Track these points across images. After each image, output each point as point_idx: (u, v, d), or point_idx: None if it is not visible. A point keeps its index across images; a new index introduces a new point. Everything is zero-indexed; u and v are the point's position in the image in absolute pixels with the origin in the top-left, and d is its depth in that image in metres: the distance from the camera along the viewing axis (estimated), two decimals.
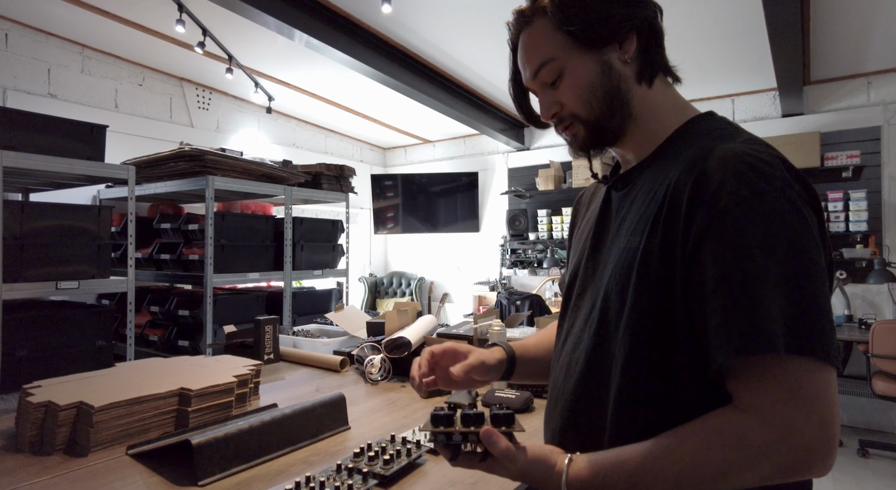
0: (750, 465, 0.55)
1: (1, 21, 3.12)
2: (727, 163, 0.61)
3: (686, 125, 0.73)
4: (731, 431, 0.56)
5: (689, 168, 0.63)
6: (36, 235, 2.16)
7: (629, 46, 0.71)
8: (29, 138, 2.18)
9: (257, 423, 0.99)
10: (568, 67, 0.72)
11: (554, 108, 0.75)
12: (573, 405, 0.72)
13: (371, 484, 0.85)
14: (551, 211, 5.00)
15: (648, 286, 0.64)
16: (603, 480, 0.60)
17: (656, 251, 0.63)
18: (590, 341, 0.71)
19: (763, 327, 0.54)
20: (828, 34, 3.18)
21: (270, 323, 1.75)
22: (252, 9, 2.54)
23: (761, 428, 0.55)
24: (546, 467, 0.62)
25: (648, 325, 0.63)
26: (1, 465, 0.93)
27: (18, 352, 2.11)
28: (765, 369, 0.56)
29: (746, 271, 0.56)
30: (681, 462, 0.57)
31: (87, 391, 1.07)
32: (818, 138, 3.74)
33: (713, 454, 0.56)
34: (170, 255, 3.05)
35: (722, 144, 0.63)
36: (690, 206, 0.61)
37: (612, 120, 0.72)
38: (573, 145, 0.77)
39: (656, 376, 0.63)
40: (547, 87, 0.75)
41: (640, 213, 0.69)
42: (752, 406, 0.56)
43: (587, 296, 0.76)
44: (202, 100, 4.27)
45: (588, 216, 0.87)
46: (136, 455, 0.98)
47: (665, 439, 0.59)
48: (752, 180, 0.59)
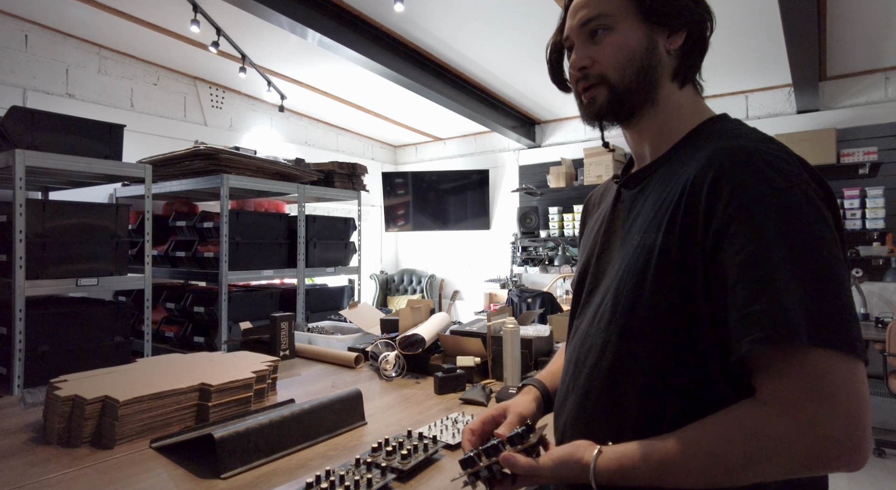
0: (772, 457, 0.55)
1: (21, 22, 3.18)
2: (746, 160, 0.62)
3: (701, 126, 0.74)
4: (750, 423, 0.57)
5: (706, 166, 0.64)
6: (57, 233, 2.21)
7: (677, 39, 0.73)
8: (50, 138, 2.22)
9: (277, 418, 1.01)
10: (618, 28, 0.72)
11: (586, 61, 0.75)
12: (583, 399, 0.73)
13: (390, 478, 0.86)
14: (563, 208, 4.99)
15: (668, 282, 0.64)
16: (631, 472, 0.61)
17: (674, 248, 0.64)
18: (599, 337, 0.72)
19: (785, 319, 0.55)
20: (845, 28, 3.14)
21: (286, 319, 1.78)
22: (266, 8, 2.57)
23: (780, 419, 0.55)
24: (573, 463, 0.64)
25: (671, 320, 0.64)
26: (32, 456, 0.96)
27: (41, 347, 2.16)
28: (786, 361, 0.56)
29: (767, 264, 0.57)
30: (703, 454, 0.58)
31: (112, 386, 1.10)
32: (834, 135, 3.69)
33: (733, 446, 0.56)
34: (185, 252, 3.09)
35: (738, 143, 0.65)
36: (710, 203, 0.62)
37: (635, 95, 0.73)
38: (589, 109, 0.77)
39: (681, 370, 0.64)
40: (588, 40, 0.75)
41: (655, 211, 0.69)
42: (772, 398, 0.57)
43: (597, 292, 0.77)
44: (216, 99, 4.32)
45: (598, 215, 0.88)
46: (159, 448, 1.01)
47: (688, 432, 0.60)
48: (771, 177, 0.60)
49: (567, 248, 4.91)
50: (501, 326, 1.48)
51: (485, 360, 1.55)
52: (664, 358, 0.65)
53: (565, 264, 4.82)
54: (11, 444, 1.01)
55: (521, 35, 3.29)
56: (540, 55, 2.94)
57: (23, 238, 2.07)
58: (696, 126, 0.74)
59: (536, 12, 3.00)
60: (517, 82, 4.20)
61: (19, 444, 1.01)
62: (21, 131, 2.15)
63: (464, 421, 1.14)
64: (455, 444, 1.03)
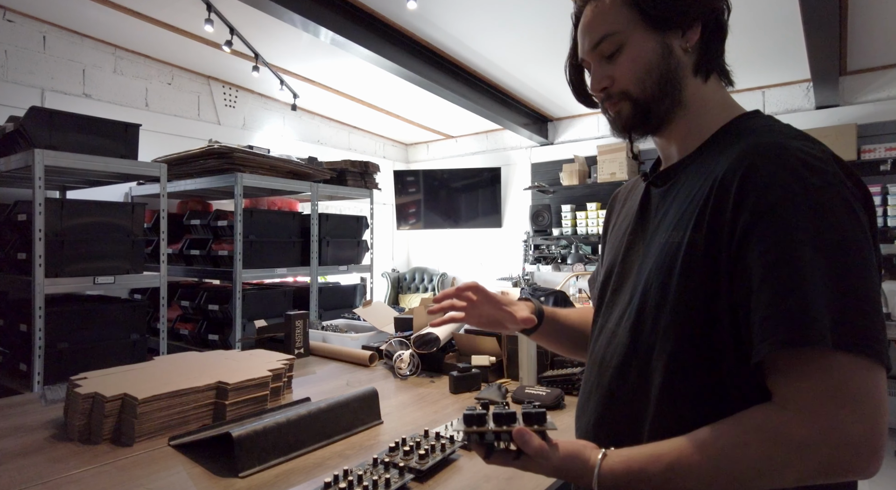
0: (788, 463, 0.53)
1: (39, 24, 3.22)
2: (778, 157, 0.60)
3: (732, 122, 0.72)
4: (770, 427, 0.55)
5: (737, 162, 0.62)
6: (75, 232, 2.23)
7: (692, 35, 0.71)
8: (68, 138, 2.25)
9: (294, 417, 1.01)
10: (629, 43, 0.71)
11: (605, 81, 0.74)
12: (608, 399, 0.72)
13: (408, 478, 0.86)
14: (575, 206, 4.95)
15: (694, 280, 0.63)
16: (637, 475, 0.59)
17: (701, 245, 0.63)
18: (626, 336, 0.71)
19: (809, 321, 0.53)
20: (866, 22, 3.07)
21: (301, 318, 1.78)
22: (279, 7, 2.57)
23: (802, 424, 0.53)
24: (580, 462, 0.62)
25: (694, 319, 0.63)
26: (54, 453, 0.97)
27: (60, 344, 2.19)
28: (809, 365, 0.54)
29: (795, 265, 0.55)
30: (717, 457, 0.56)
31: (130, 383, 1.11)
32: (854, 130, 3.62)
33: (750, 450, 0.55)
34: (199, 250, 3.12)
35: (772, 139, 0.63)
36: (738, 200, 0.60)
37: (661, 103, 0.72)
38: (616, 124, 0.76)
39: (702, 371, 0.63)
40: (603, 61, 0.74)
41: (684, 209, 0.68)
42: (792, 402, 0.55)
43: (624, 291, 0.76)
44: (229, 98, 4.34)
45: (625, 213, 0.86)
46: (177, 446, 1.01)
47: (701, 434, 0.58)
48: (804, 175, 0.58)
49: (580, 246, 4.88)
50: None
51: (500, 359, 1.54)
52: (685, 358, 0.63)
53: (578, 263, 4.78)
54: (34, 441, 1.02)
55: (533, 32, 3.27)
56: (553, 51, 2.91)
57: (42, 237, 2.10)
58: (726, 123, 0.72)
59: (549, 9, 2.97)
60: (530, 79, 4.17)
61: (41, 441, 1.02)
62: (40, 131, 2.18)
63: None
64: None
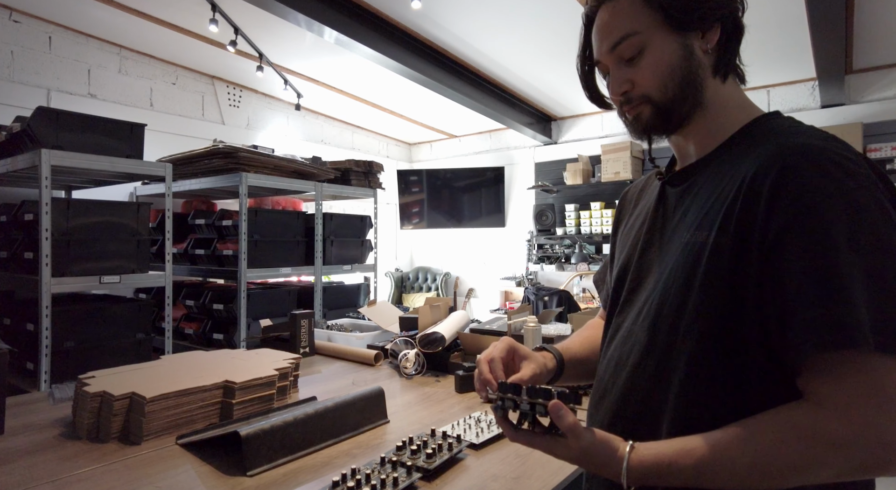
0: (825, 461, 0.54)
1: (45, 24, 3.24)
2: (811, 159, 0.60)
3: (753, 122, 0.72)
4: (807, 425, 0.55)
5: (768, 163, 0.62)
6: (81, 232, 2.24)
7: (712, 36, 0.70)
8: (74, 138, 2.26)
9: (301, 416, 1.01)
10: (650, 45, 0.70)
11: (625, 85, 0.72)
12: (624, 398, 0.72)
13: (415, 477, 0.86)
14: (579, 205, 4.94)
15: (719, 280, 0.63)
16: (667, 468, 0.59)
17: (728, 246, 0.62)
18: (644, 335, 0.70)
19: (851, 323, 0.54)
20: (872, 20, 3.05)
21: (306, 317, 1.79)
22: (283, 6, 2.58)
23: (839, 423, 0.54)
24: (609, 450, 0.61)
25: (718, 320, 0.63)
26: (63, 451, 0.97)
27: (66, 343, 2.20)
28: (847, 366, 0.55)
29: (835, 267, 0.56)
30: (752, 454, 0.56)
31: (138, 382, 1.11)
32: (860, 129, 3.60)
33: (787, 447, 0.55)
34: (204, 250, 3.13)
35: (802, 140, 0.63)
36: (771, 201, 0.60)
37: (682, 105, 0.71)
38: (635, 126, 0.74)
39: (724, 371, 0.63)
40: (622, 64, 0.73)
41: (707, 209, 0.68)
42: (830, 401, 0.55)
43: (641, 291, 0.75)
44: (233, 98, 4.35)
45: (638, 212, 0.86)
46: (185, 444, 1.02)
47: (735, 430, 0.59)
48: (838, 176, 0.58)
49: (584, 245, 4.87)
50: (522, 325, 1.47)
51: None
52: (707, 358, 0.63)
53: (582, 262, 4.77)
54: (43, 439, 1.03)
55: (538, 31, 3.26)
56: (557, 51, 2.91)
57: (48, 236, 2.11)
58: (746, 123, 0.72)
59: (553, 8, 2.96)
60: (534, 78, 4.17)
61: (50, 439, 1.03)
62: (46, 131, 2.18)
63: (486, 420, 1.14)
64: (480, 443, 1.02)
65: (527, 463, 0.95)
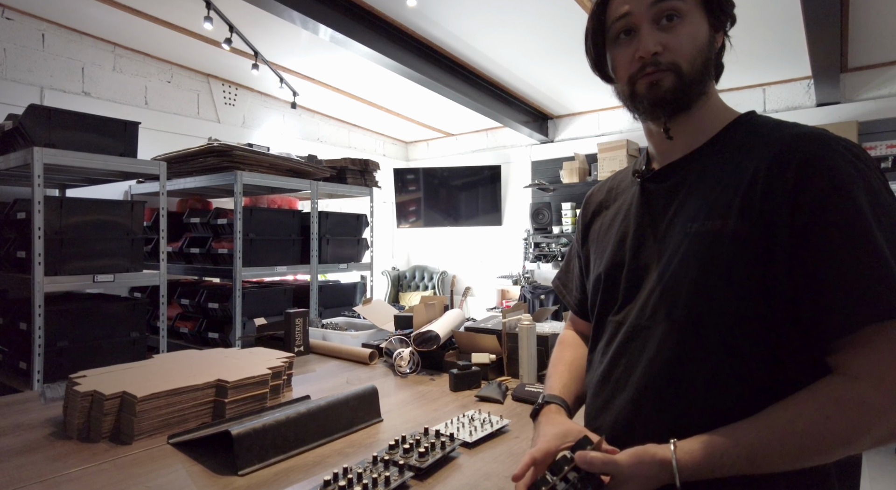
0: (869, 429, 0.57)
1: (38, 21, 3.21)
2: (828, 145, 0.64)
3: (736, 121, 0.75)
4: (848, 398, 0.57)
5: (786, 151, 0.65)
6: (74, 230, 2.23)
7: (720, 38, 0.76)
8: (67, 136, 2.24)
9: (293, 415, 1.01)
10: (689, 17, 0.72)
11: (658, 47, 0.71)
12: (640, 396, 0.70)
13: (407, 476, 0.85)
14: (576, 204, 4.94)
15: (744, 265, 0.64)
16: (721, 459, 0.59)
17: (748, 231, 0.64)
18: (656, 330, 0.70)
19: (893, 294, 0.57)
20: (867, 19, 3.06)
21: (301, 316, 1.78)
22: (278, 4, 2.56)
23: (877, 392, 0.57)
24: (649, 460, 0.61)
25: (746, 304, 0.64)
26: (53, 451, 0.96)
27: (59, 342, 2.19)
28: (881, 336, 0.58)
29: (872, 243, 0.59)
30: (801, 433, 0.57)
31: (129, 382, 1.11)
32: (856, 128, 3.62)
33: (833, 422, 0.57)
34: (199, 248, 3.12)
35: (811, 130, 0.67)
36: (800, 183, 0.63)
37: (699, 86, 0.73)
38: (651, 93, 0.72)
39: (754, 356, 0.64)
40: (656, 26, 0.71)
41: (714, 198, 0.69)
42: (866, 372, 0.58)
43: (642, 288, 0.75)
44: (228, 96, 4.34)
45: (614, 213, 0.86)
46: (176, 444, 1.01)
47: (778, 412, 0.60)
48: (855, 162, 0.63)
49: None
50: (517, 323, 1.47)
51: (500, 357, 1.53)
52: (738, 344, 0.64)
53: None
54: (33, 439, 1.02)
55: (534, 29, 3.26)
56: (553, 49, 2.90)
57: (41, 235, 2.10)
58: (732, 120, 0.76)
59: (549, 6, 2.96)
60: (530, 77, 4.16)
61: (40, 439, 1.02)
62: (39, 129, 2.17)
63: (480, 418, 1.13)
64: (472, 441, 1.02)
65: (519, 461, 0.94)
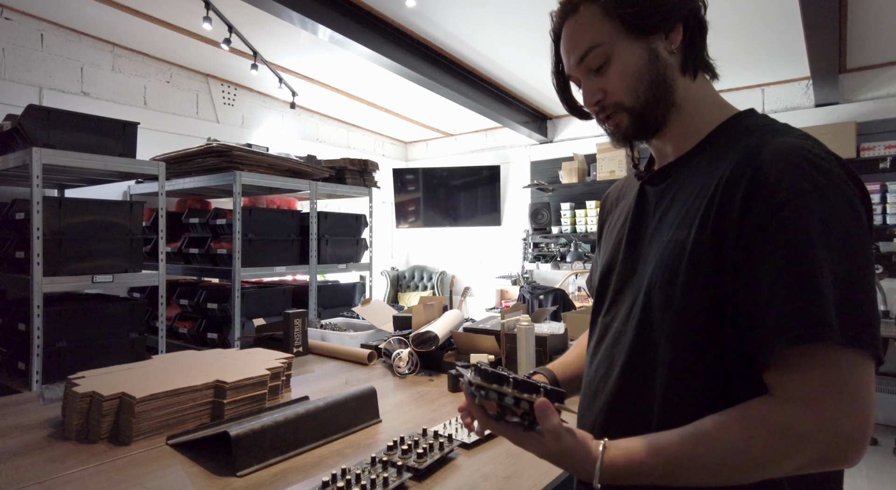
0: (791, 454, 0.56)
1: (37, 21, 3.21)
2: (786, 156, 0.61)
3: (730, 121, 0.73)
4: (775, 420, 0.56)
5: (744, 161, 0.63)
6: (73, 231, 2.23)
7: (675, 37, 0.71)
8: (66, 136, 2.24)
9: (292, 416, 1.01)
10: (615, 53, 0.71)
11: (598, 95, 0.74)
12: (616, 398, 0.72)
13: (405, 477, 0.86)
14: (575, 204, 4.95)
15: (700, 278, 0.64)
16: (639, 467, 0.60)
17: (707, 243, 0.63)
18: (632, 335, 0.71)
19: (823, 317, 0.55)
20: (866, 20, 3.06)
21: (299, 316, 1.78)
22: (277, 4, 2.56)
23: (805, 417, 0.55)
24: (584, 452, 0.62)
25: (701, 317, 0.63)
26: (51, 452, 0.97)
27: (58, 343, 2.19)
28: (814, 359, 0.56)
29: (808, 263, 0.57)
30: (722, 449, 0.57)
31: (128, 382, 1.11)
32: (854, 128, 3.62)
33: (756, 442, 0.56)
34: (198, 249, 3.11)
35: (778, 139, 0.64)
36: (747, 198, 0.61)
37: (656, 108, 0.72)
38: (615, 135, 0.76)
39: (707, 368, 0.63)
40: (591, 74, 0.74)
41: (687, 207, 0.68)
42: (797, 395, 0.57)
43: (628, 290, 0.75)
44: (227, 96, 4.33)
45: (619, 212, 0.86)
46: (175, 445, 1.01)
47: (703, 426, 0.59)
48: (812, 174, 0.59)
49: (580, 244, 4.87)
50: (515, 324, 1.47)
51: (499, 357, 1.54)
52: (691, 355, 0.64)
53: (577, 261, 4.78)
54: (31, 440, 1.02)
55: (533, 29, 3.25)
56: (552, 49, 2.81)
57: (40, 235, 2.10)
58: (723, 122, 0.73)
59: (549, 6, 2.95)
60: (529, 77, 4.16)
61: (39, 440, 1.02)
62: (38, 130, 2.17)
63: None
64: (471, 442, 1.02)
65: (518, 462, 0.95)
